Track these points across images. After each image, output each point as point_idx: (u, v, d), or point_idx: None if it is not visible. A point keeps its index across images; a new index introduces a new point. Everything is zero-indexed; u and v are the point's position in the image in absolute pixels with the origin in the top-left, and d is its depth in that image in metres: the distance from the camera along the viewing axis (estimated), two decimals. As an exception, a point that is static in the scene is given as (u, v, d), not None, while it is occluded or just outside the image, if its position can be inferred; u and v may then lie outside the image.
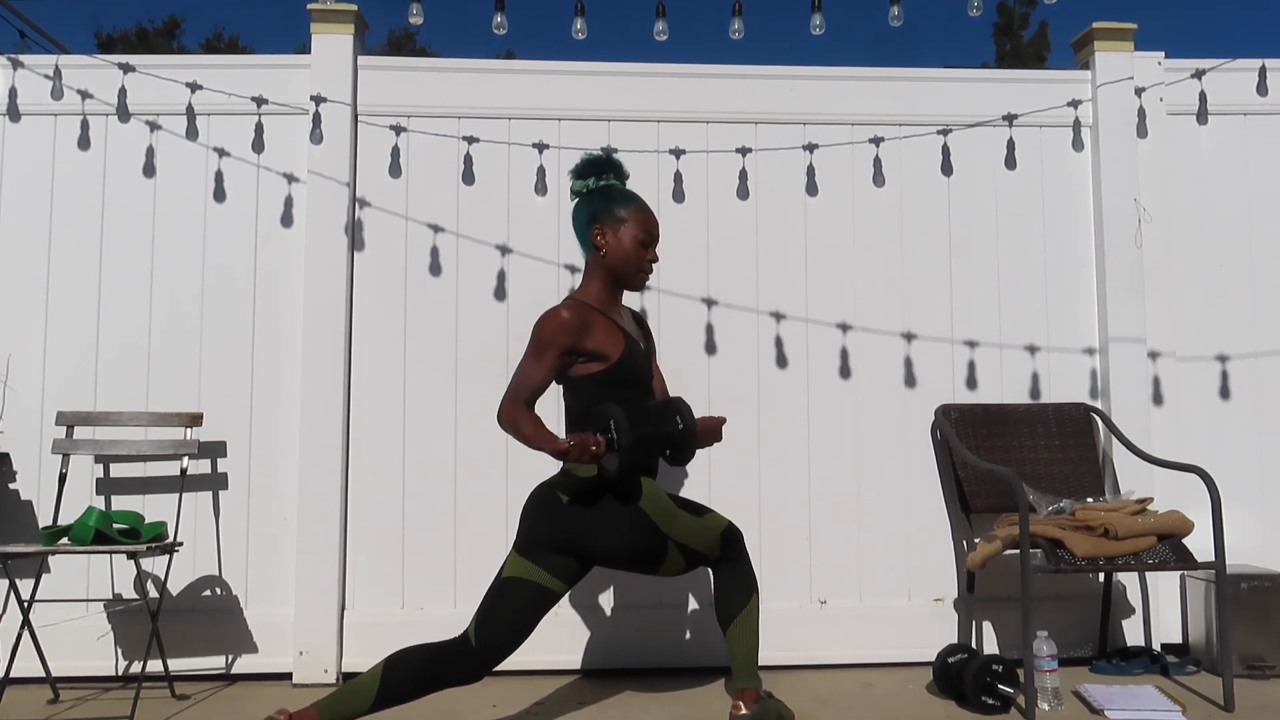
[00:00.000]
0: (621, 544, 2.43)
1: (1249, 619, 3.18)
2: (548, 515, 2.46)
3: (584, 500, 2.44)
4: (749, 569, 2.61)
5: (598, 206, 2.61)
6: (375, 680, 2.34)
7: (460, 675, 2.39)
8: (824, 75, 3.57)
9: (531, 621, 2.43)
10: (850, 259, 3.53)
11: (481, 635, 2.39)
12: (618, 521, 2.43)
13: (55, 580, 3.24)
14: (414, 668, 2.36)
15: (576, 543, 2.43)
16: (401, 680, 2.34)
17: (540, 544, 2.45)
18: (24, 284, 3.36)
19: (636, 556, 2.46)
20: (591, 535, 2.42)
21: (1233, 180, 3.62)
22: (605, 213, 2.60)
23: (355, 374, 3.38)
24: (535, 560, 2.44)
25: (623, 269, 2.60)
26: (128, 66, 3.42)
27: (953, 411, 3.41)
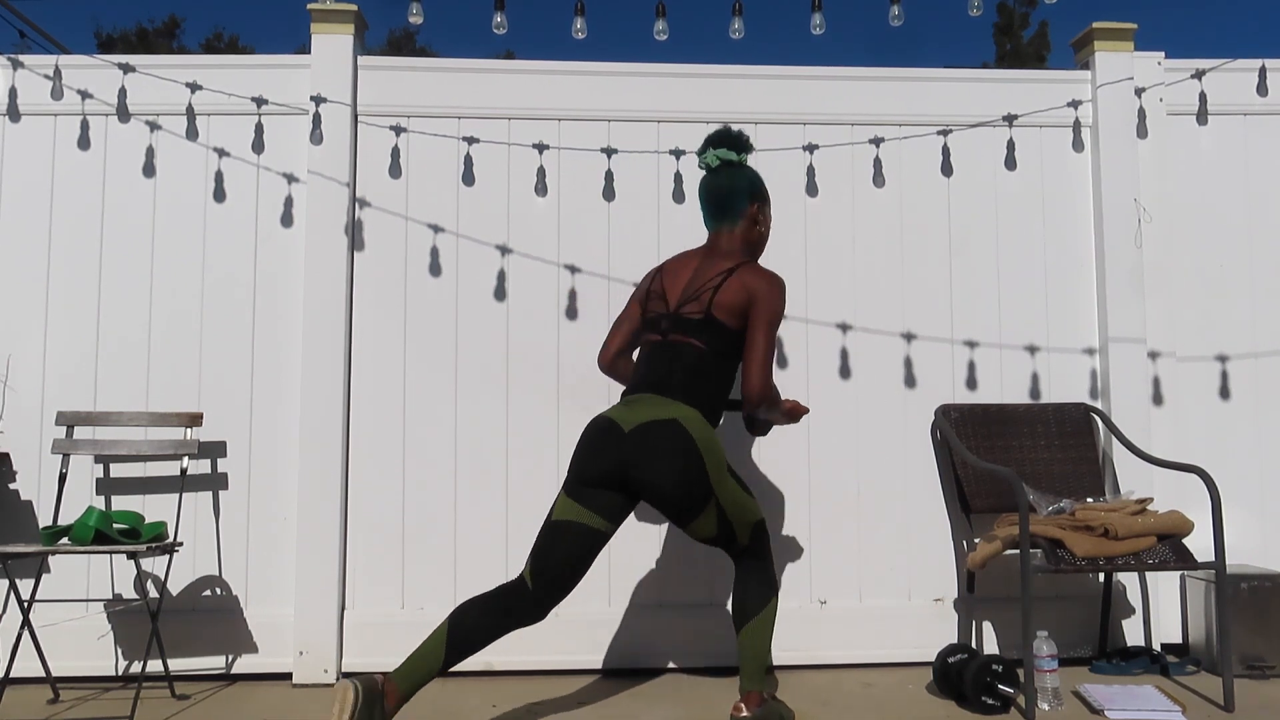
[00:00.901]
0: (672, 480, 2.43)
1: (1249, 619, 3.18)
2: (607, 444, 2.48)
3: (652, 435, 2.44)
4: (773, 571, 2.61)
5: (756, 182, 2.72)
6: (441, 640, 2.41)
7: (523, 615, 2.49)
8: (824, 75, 3.57)
9: (583, 563, 2.49)
10: (850, 259, 3.53)
11: (537, 578, 2.48)
12: (674, 456, 2.43)
13: (55, 580, 3.24)
14: (478, 619, 2.44)
15: (629, 472, 2.45)
16: (468, 633, 2.43)
17: (591, 479, 2.48)
18: (24, 284, 3.36)
19: (680, 498, 2.45)
20: (647, 464, 2.43)
21: (1233, 180, 3.62)
22: (763, 193, 2.74)
23: (355, 374, 3.38)
24: (582, 500, 2.48)
25: (762, 248, 2.77)
26: (128, 66, 3.42)
27: (953, 411, 3.41)
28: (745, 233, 2.69)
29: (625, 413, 2.51)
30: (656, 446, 2.43)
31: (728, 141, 2.71)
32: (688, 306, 2.58)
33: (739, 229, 2.68)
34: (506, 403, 3.40)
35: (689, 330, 2.56)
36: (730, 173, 2.69)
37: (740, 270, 2.57)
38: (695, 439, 2.45)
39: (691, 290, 2.60)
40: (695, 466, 2.44)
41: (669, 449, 2.43)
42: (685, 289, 2.62)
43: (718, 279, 2.57)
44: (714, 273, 2.59)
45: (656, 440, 2.44)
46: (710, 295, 2.55)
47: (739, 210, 2.67)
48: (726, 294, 2.54)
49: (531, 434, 3.39)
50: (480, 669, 3.27)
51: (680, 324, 2.58)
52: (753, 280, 2.54)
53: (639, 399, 2.54)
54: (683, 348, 2.56)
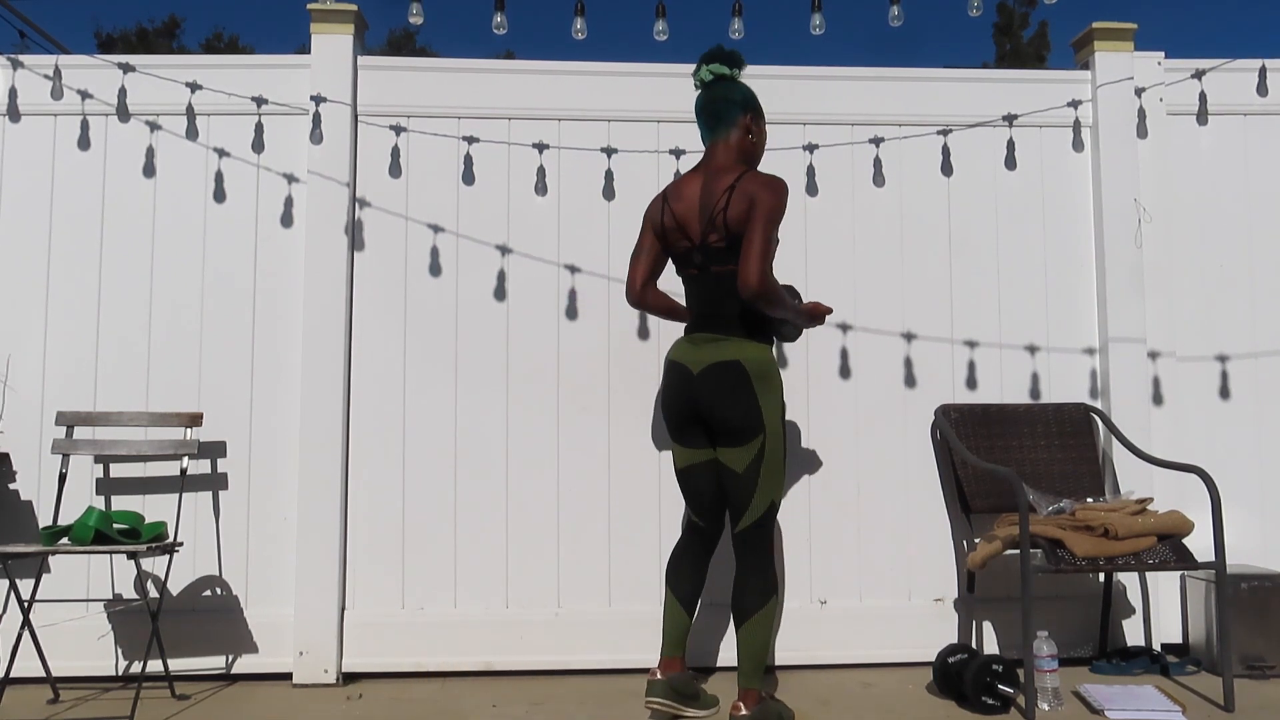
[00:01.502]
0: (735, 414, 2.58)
1: (1249, 619, 3.18)
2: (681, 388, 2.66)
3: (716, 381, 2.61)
4: (774, 569, 2.62)
5: (749, 95, 2.78)
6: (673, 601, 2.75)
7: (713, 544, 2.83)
8: (824, 75, 3.58)
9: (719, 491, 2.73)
10: (850, 259, 3.53)
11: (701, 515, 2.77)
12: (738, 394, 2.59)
13: (55, 580, 3.24)
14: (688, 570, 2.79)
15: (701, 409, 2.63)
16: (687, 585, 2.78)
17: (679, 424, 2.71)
18: (24, 284, 3.36)
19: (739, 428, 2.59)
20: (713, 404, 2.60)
21: (1233, 180, 3.62)
22: (756, 106, 2.79)
23: (355, 374, 3.38)
24: (685, 443, 2.72)
25: (758, 157, 2.82)
26: (128, 66, 3.42)
27: (953, 411, 3.41)
28: (739, 142, 2.74)
29: (692, 353, 2.67)
30: (721, 387, 2.60)
31: (720, 57, 2.80)
32: (711, 236, 2.64)
33: (733, 139, 2.74)
34: (506, 402, 3.40)
35: (720, 259, 2.64)
36: (723, 85, 2.77)
37: (740, 181, 2.62)
38: (752, 376, 2.60)
39: (707, 218, 2.66)
40: (751, 403, 2.59)
41: (731, 388, 2.59)
42: (701, 217, 2.67)
43: (724, 198, 2.62)
44: (719, 191, 2.64)
45: (721, 381, 2.60)
46: (723, 219, 2.61)
47: (732, 119, 2.74)
48: (734, 210, 2.60)
49: (531, 434, 3.39)
50: (480, 669, 3.27)
51: (711, 255, 2.65)
52: (751, 185, 2.60)
53: (703, 339, 2.67)
54: (722, 277, 2.65)
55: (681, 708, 2.71)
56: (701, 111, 2.78)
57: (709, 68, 2.79)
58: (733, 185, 2.62)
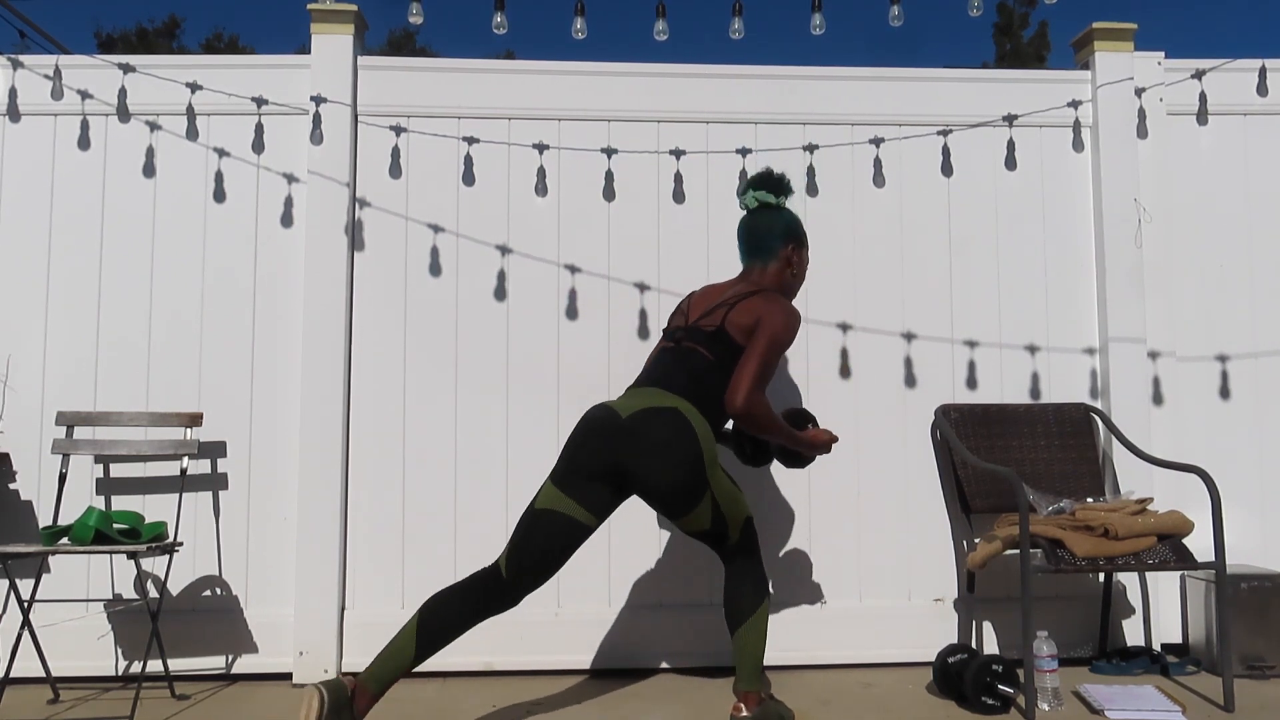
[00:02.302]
0: (666, 468, 2.41)
1: (1249, 619, 3.18)
2: (601, 430, 2.47)
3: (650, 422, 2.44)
4: (762, 570, 2.61)
5: (793, 225, 2.77)
6: (412, 631, 2.40)
7: (495, 605, 2.46)
8: (824, 75, 3.57)
9: (562, 555, 2.47)
10: (850, 259, 3.53)
11: (512, 566, 2.46)
12: (671, 445, 2.42)
13: (55, 580, 3.24)
14: (450, 607, 2.43)
15: (623, 460, 2.43)
16: (439, 623, 2.41)
17: (581, 470, 2.47)
18: (24, 284, 3.36)
19: (674, 488, 2.43)
20: (642, 451, 2.42)
21: (1233, 180, 3.62)
22: (800, 235, 2.78)
23: (355, 374, 3.38)
24: (569, 491, 2.47)
25: (796, 292, 2.82)
26: (128, 67, 3.42)
27: (953, 411, 3.41)
28: (778, 273, 2.75)
29: (624, 401, 2.53)
30: (654, 434, 2.42)
31: (767, 184, 2.78)
32: (704, 319, 2.64)
33: (771, 268, 2.75)
34: (506, 403, 3.40)
35: (700, 339, 2.61)
36: (767, 214, 2.77)
37: (761, 294, 2.63)
38: (694, 427, 2.45)
39: (711, 307, 2.66)
40: (693, 456, 2.42)
41: (666, 436, 2.42)
42: (706, 306, 2.68)
43: (736, 298, 2.63)
44: (736, 293, 2.66)
45: (654, 428, 2.43)
46: (726, 311, 2.60)
47: (772, 251, 2.74)
48: (740, 312, 2.58)
49: (531, 434, 3.39)
50: (480, 669, 3.27)
51: (693, 333, 2.63)
52: (766, 304, 2.58)
53: (639, 390, 2.57)
54: (691, 353, 2.60)
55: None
56: (743, 238, 2.79)
57: (754, 194, 2.78)
58: (751, 293, 2.63)
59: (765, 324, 2.54)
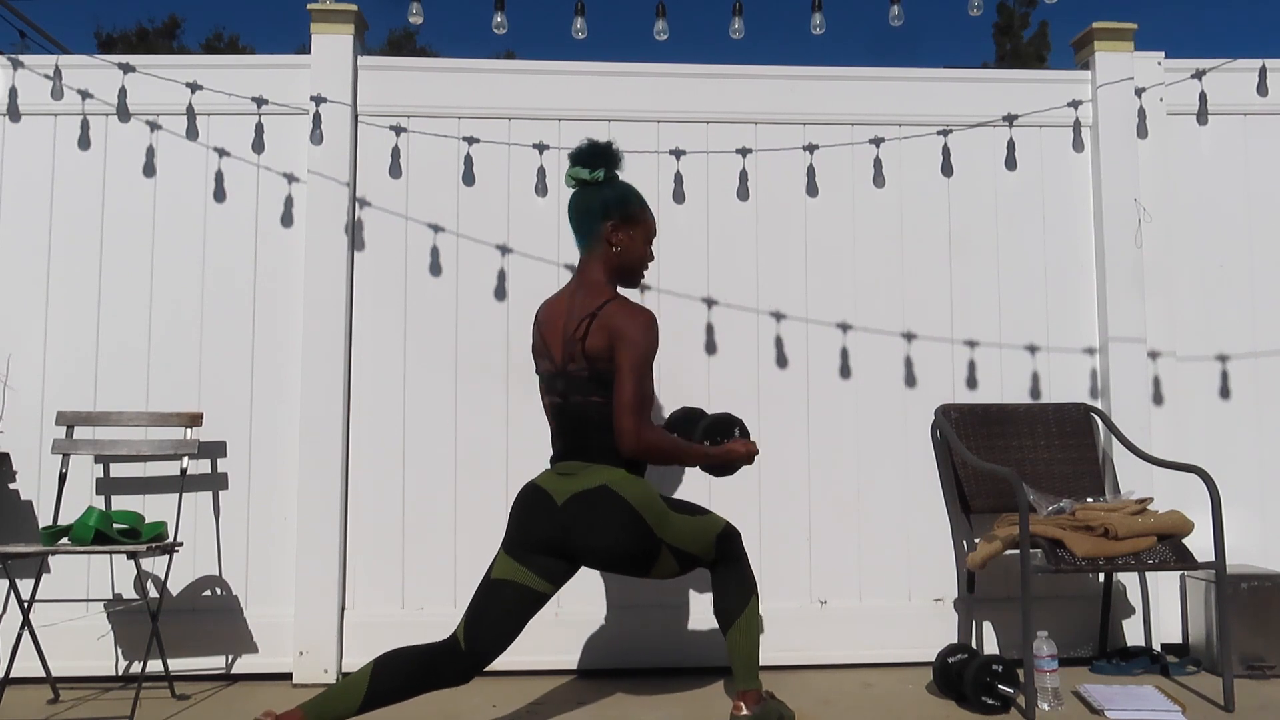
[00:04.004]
0: (611, 545, 2.38)
1: (1249, 619, 3.18)
2: (540, 514, 2.43)
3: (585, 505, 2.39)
4: (747, 570, 2.59)
5: (610, 200, 2.51)
6: (364, 681, 2.31)
7: (450, 677, 2.38)
8: (824, 75, 3.57)
9: (519, 623, 2.43)
10: (850, 259, 3.53)
11: (470, 637, 2.40)
12: (609, 523, 2.38)
13: (55, 580, 3.24)
14: (403, 670, 2.34)
15: (567, 543, 2.40)
16: (391, 682, 2.33)
17: (529, 544, 2.43)
18: (24, 284, 3.36)
19: (626, 559, 2.42)
20: (583, 535, 2.38)
21: (1233, 180, 3.62)
22: (619, 209, 2.52)
23: (355, 374, 3.38)
24: (523, 562, 2.43)
25: (636, 268, 2.57)
26: (128, 66, 3.42)
27: (953, 411, 3.41)
28: (604, 257, 2.51)
29: (556, 483, 2.44)
30: (592, 516, 2.37)
31: (582, 158, 2.54)
32: (571, 365, 2.44)
33: (597, 253, 2.51)
34: (506, 403, 3.40)
35: (582, 389, 2.43)
36: (584, 192, 2.54)
37: (601, 312, 2.40)
38: (628, 499, 2.38)
39: (568, 343, 2.45)
40: (635, 528, 2.38)
41: (605, 518, 2.37)
42: (565, 342, 2.46)
43: (583, 327, 2.41)
44: (579, 317, 2.43)
45: (590, 510, 2.37)
46: (581, 345, 2.40)
47: (592, 231, 2.51)
48: (593, 342, 2.39)
49: (531, 434, 3.38)
50: (480, 669, 3.27)
51: (573, 384, 2.44)
52: (613, 321, 2.38)
53: (566, 467, 2.46)
54: (584, 408, 2.43)
55: None
56: (570, 219, 2.57)
57: (570, 172, 2.55)
58: (594, 313, 2.40)
59: (621, 348, 2.35)
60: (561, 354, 2.47)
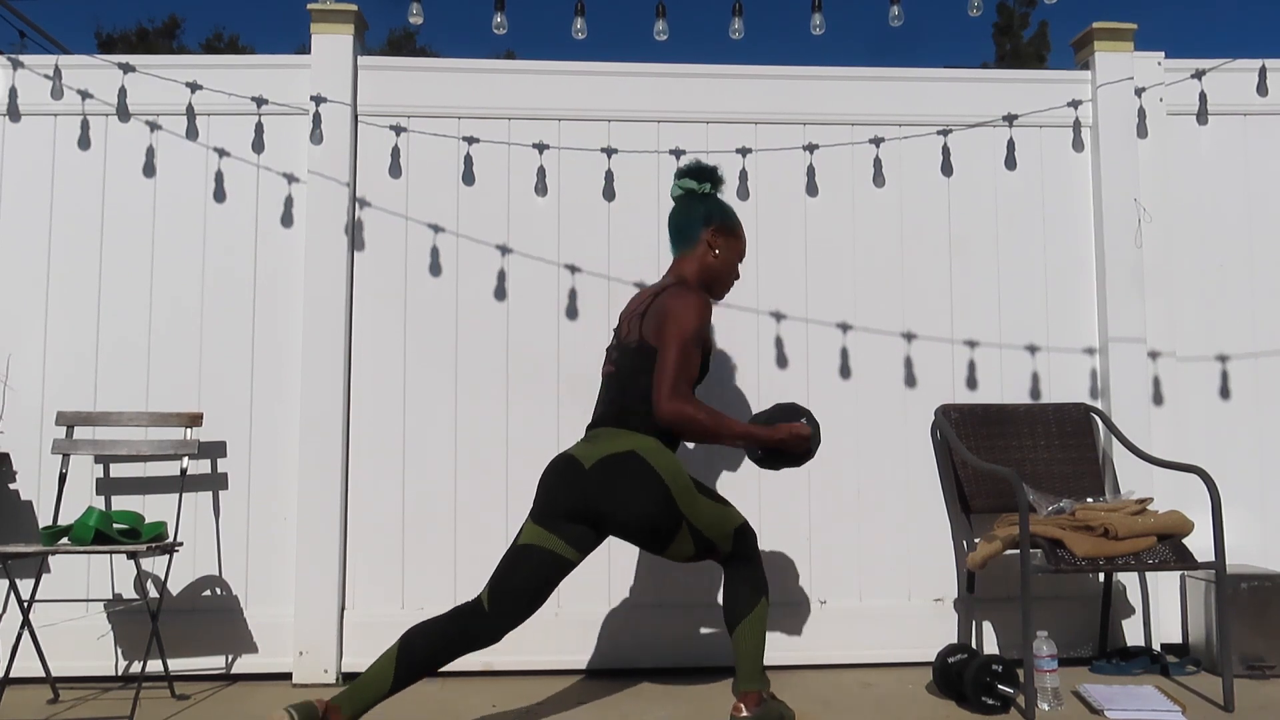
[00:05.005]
0: (635, 511, 2.42)
1: (1249, 619, 3.18)
2: (568, 480, 2.48)
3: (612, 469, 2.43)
4: (760, 571, 2.61)
5: (715, 211, 2.72)
6: (391, 662, 2.37)
7: (478, 639, 2.44)
8: (824, 75, 3.57)
9: (545, 589, 2.47)
10: (850, 259, 3.53)
11: (495, 601, 2.44)
12: (637, 493, 2.42)
13: (55, 580, 3.24)
14: (431, 639, 2.40)
15: (592, 507, 2.44)
16: (420, 654, 2.39)
17: (557, 512, 2.48)
18: (24, 284, 3.36)
19: (648, 528, 2.45)
20: (608, 499, 2.43)
21: (1233, 180, 3.62)
22: (723, 220, 2.72)
23: (355, 374, 3.38)
24: (551, 529, 2.47)
25: (725, 278, 2.74)
26: (128, 66, 3.42)
27: (953, 411, 3.41)
28: (701, 259, 2.69)
29: (585, 449, 2.51)
30: (618, 481, 2.43)
31: (691, 173, 2.76)
32: (628, 336, 2.59)
33: (694, 255, 2.69)
34: (506, 403, 3.40)
35: (629, 358, 2.55)
36: (689, 202, 2.73)
37: (666, 291, 2.56)
38: (655, 467, 2.43)
39: (630, 319, 2.61)
40: (660, 496, 2.43)
41: (631, 482, 2.42)
42: (630, 317, 2.63)
43: (645, 304, 2.58)
44: (645, 297, 2.61)
45: (617, 474, 2.43)
46: (639, 322, 2.56)
47: (692, 237, 2.69)
48: (650, 318, 2.53)
49: (531, 434, 3.39)
50: (480, 669, 3.27)
51: (624, 353, 2.58)
52: (670, 300, 2.52)
53: (597, 434, 2.54)
54: (629, 376, 2.54)
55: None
56: (669, 226, 2.76)
57: (678, 183, 2.76)
58: (659, 293, 2.57)
59: (668, 322, 2.48)
60: (626, 328, 2.62)
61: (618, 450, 2.45)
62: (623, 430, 2.50)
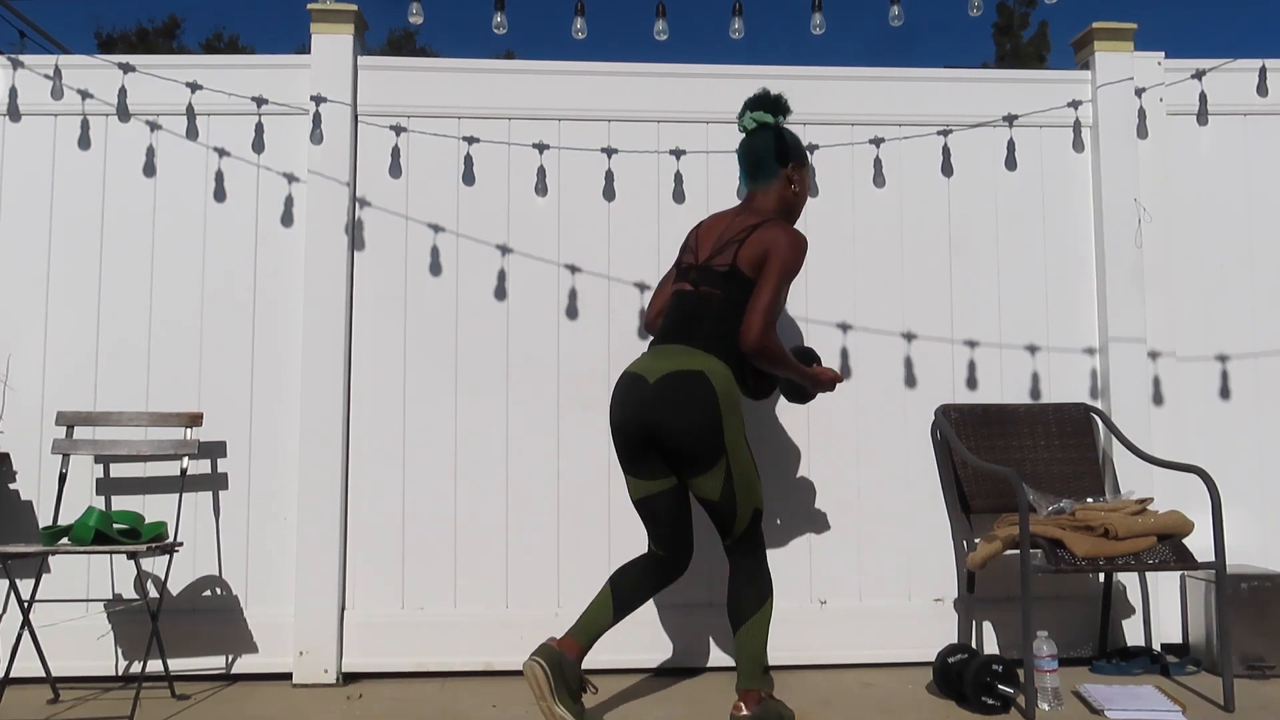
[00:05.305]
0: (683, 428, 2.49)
1: (1249, 619, 3.18)
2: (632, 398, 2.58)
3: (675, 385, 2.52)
4: (766, 569, 2.62)
5: (793, 145, 2.77)
6: (607, 602, 2.62)
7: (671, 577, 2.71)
8: (824, 75, 3.57)
9: (682, 519, 2.67)
10: (850, 259, 3.53)
11: (662, 548, 2.69)
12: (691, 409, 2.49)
13: (55, 580, 3.24)
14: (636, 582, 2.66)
15: (650, 420, 2.53)
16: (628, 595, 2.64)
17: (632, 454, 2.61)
18: (24, 284, 3.36)
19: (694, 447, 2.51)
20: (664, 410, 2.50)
21: (1233, 180, 3.62)
22: (799, 154, 2.78)
23: (355, 374, 3.38)
24: (639, 474, 2.63)
25: (799, 211, 2.82)
26: (128, 66, 3.42)
27: (953, 411, 3.41)
28: (780, 193, 2.75)
29: (651, 363, 2.59)
30: (678, 396, 2.50)
31: (764, 104, 2.79)
32: (716, 259, 2.64)
33: (773, 189, 2.75)
34: (506, 403, 3.40)
35: (714, 281, 2.63)
36: (765, 134, 2.76)
37: (765, 225, 2.63)
38: (717, 392, 2.51)
39: (720, 244, 2.66)
40: (712, 418, 2.50)
41: (689, 397, 2.50)
42: (715, 243, 2.68)
43: (744, 233, 2.63)
44: (742, 227, 2.65)
45: (678, 390, 2.51)
46: (736, 249, 2.61)
47: (773, 171, 2.74)
48: (749, 247, 2.59)
49: (531, 434, 3.39)
50: (480, 669, 3.27)
51: (707, 275, 2.65)
52: (774, 234, 2.60)
53: (665, 350, 2.61)
54: (708, 297, 2.62)
55: (553, 689, 2.47)
56: (743, 158, 2.79)
57: (752, 115, 2.79)
58: (757, 225, 2.63)
59: (773, 255, 2.56)
60: (710, 250, 2.67)
61: (687, 369, 2.53)
62: (697, 351, 2.57)
